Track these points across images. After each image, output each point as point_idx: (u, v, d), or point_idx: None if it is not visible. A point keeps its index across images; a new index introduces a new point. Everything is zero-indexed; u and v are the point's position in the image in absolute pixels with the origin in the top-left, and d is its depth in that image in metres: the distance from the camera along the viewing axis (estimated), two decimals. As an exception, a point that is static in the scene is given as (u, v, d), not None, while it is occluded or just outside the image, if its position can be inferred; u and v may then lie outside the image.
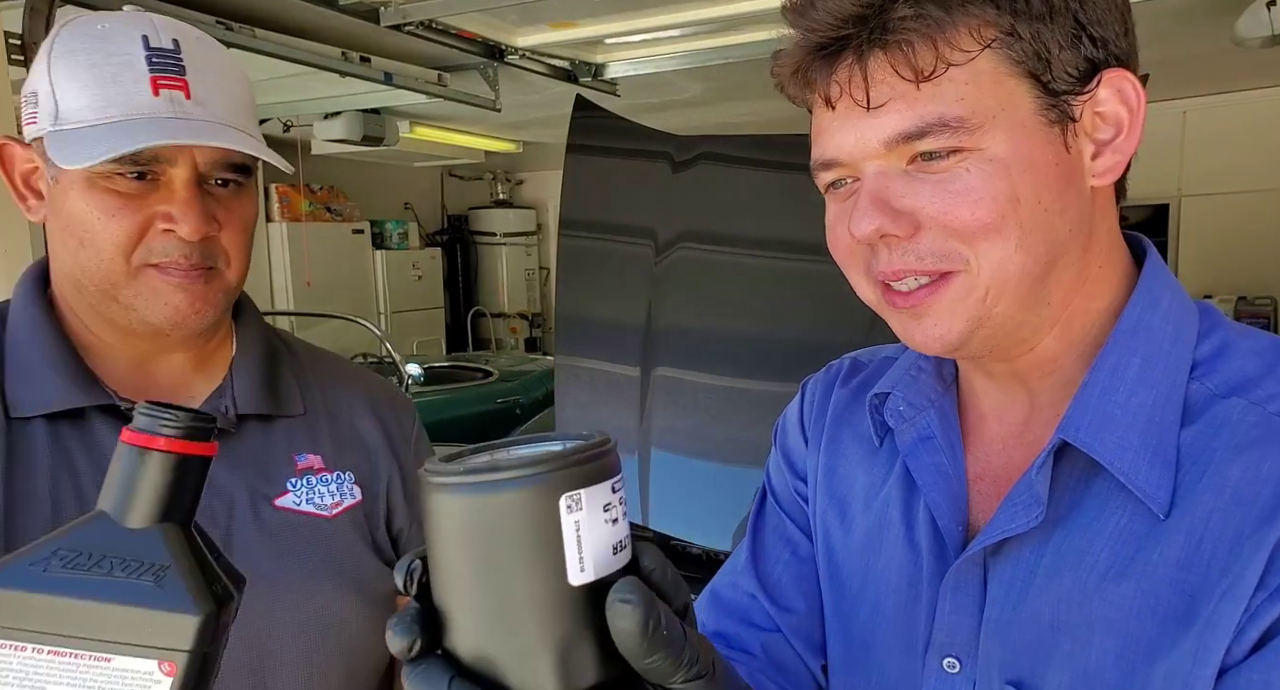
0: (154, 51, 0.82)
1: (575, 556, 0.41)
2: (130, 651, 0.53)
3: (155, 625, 0.53)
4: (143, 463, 0.55)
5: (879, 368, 0.83)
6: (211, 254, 0.86)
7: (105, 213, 0.81)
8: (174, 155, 0.82)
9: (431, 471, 0.43)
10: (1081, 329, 0.67)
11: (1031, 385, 0.70)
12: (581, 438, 0.45)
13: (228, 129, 0.84)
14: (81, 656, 0.53)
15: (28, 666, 0.53)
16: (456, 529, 0.42)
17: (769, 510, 0.88)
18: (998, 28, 0.60)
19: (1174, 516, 0.60)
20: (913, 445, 0.74)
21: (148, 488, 0.55)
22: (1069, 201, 0.63)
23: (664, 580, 0.44)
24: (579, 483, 0.41)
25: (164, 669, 0.52)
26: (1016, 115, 0.61)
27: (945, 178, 0.61)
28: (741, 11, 3.18)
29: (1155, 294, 0.67)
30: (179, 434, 0.55)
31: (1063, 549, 0.63)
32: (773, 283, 2.64)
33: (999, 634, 0.65)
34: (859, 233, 0.63)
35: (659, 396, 2.66)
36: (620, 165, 2.96)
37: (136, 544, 0.55)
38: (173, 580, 0.54)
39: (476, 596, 0.42)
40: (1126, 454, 0.61)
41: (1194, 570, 0.58)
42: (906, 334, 0.67)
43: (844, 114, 0.63)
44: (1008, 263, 0.62)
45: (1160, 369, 0.64)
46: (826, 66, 0.63)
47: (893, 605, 0.73)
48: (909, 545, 0.73)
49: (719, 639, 0.83)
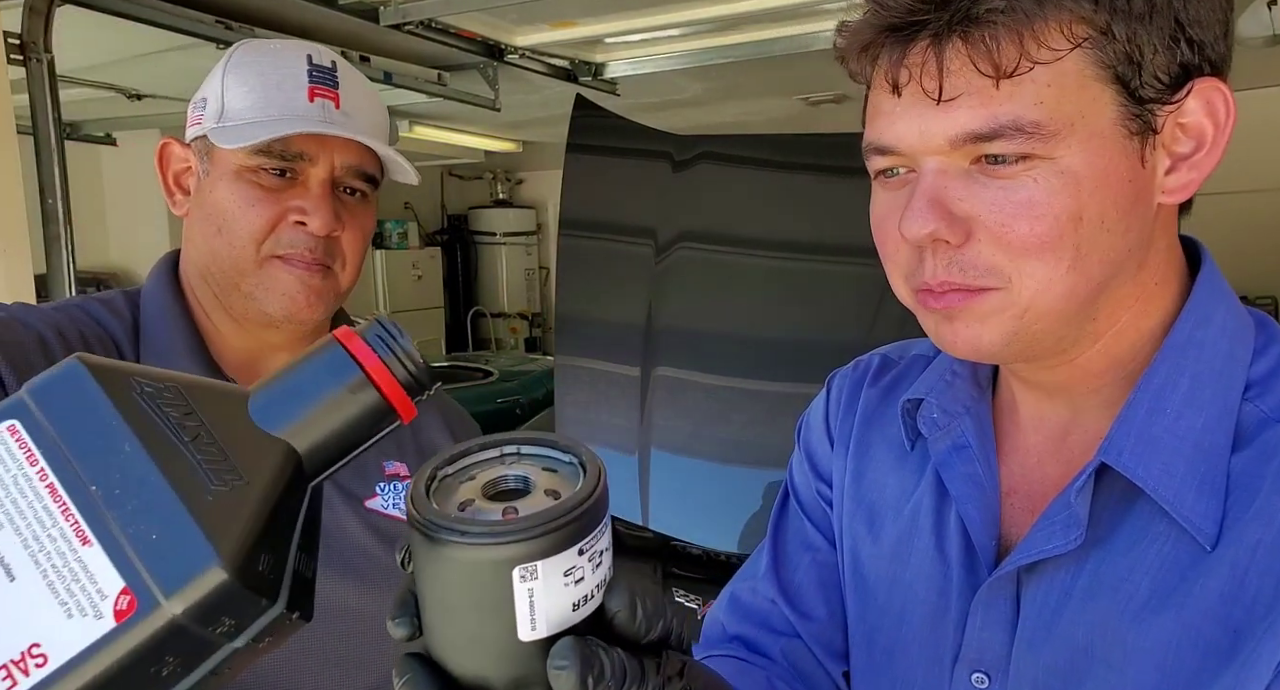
0: (315, 67, 0.94)
1: (527, 618, 0.40)
2: (114, 552, 0.36)
3: (166, 540, 0.36)
4: (339, 374, 0.42)
5: (910, 366, 0.80)
6: (332, 253, 0.94)
7: (246, 202, 0.91)
8: (316, 154, 0.92)
9: (408, 498, 0.42)
10: (1131, 346, 0.63)
11: (1074, 399, 0.66)
12: (580, 462, 0.43)
13: (366, 137, 0.93)
14: (68, 514, 0.36)
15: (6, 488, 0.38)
16: (421, 563, 0.42)
17: (791, 513, 0.86)
18: (1092, 25, 0.55)
19: (1220, 547, 0.57)
20: (946, 454, 0.70)
21: (320, 403, 0.42)
22: (1133, 220, 0.58)
23: (630, 622, 0.43)
24: (537, 554, 0.39)
25: (120, 603, 0.35)
26: (1096, 124, 0.56)
27: (1009, 185, 0.57)
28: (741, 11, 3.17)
29: (1209, 308, 0.62)
30: (405, 378, 0.43)
31: (1101, 573, 0.61)
32: (773, 283, 2.64)
33: (1032, 654, 0.63)
34: (910, 234, 0.59)
35: (659, 396, 2.66)
36: (620, 165, 2.96)
37: (249, 443, 0.40)
38: (235, 507, 0.38)
39: (439, 622, 0.42)
40: (1172, 481, 0.58)
41: (1238, 605, 0.55)
42: (938, 336, 0.63)
43: (910, 102, 0.58)
44: (1055, 284, 0.58)
45: (1211, 390, 0.60)
46: (898, 48, 0.58)
47: (920, 616, 0.71)
48: (939, 556, 0.70)
49: (739, 643, 0.82)
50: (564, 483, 0.43)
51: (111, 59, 3.41)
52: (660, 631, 0.44)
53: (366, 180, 0.96)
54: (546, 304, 8.44)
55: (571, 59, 3.86)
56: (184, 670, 0.36)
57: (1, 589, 0.35)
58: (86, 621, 0.34)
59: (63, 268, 2.34)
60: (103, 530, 0.36)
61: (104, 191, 5.73)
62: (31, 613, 0.35)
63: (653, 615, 0.44)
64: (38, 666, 0.34)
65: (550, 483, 0.44)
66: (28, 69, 2.30)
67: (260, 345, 0.98)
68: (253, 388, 0.43)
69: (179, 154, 0.99)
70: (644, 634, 0.43)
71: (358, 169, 0.95)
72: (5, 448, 0.37)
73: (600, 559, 0.42)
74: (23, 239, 2.14)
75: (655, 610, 0.44)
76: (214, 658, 0.37)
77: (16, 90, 2.22)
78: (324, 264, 0.93)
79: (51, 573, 0.35)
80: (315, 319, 0.95)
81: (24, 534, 0.36)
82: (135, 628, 0.34)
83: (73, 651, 0.34)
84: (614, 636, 0.43)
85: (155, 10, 2.68)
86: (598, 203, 2.92)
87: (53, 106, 2.33)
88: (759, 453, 2.52)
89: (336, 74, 0.95)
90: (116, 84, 3.97)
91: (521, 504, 0.42)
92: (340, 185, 0.95)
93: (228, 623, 0.36)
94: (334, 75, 0.95)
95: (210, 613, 0.35)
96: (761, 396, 2.52)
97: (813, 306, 2.55)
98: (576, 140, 2.92)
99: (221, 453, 0.39)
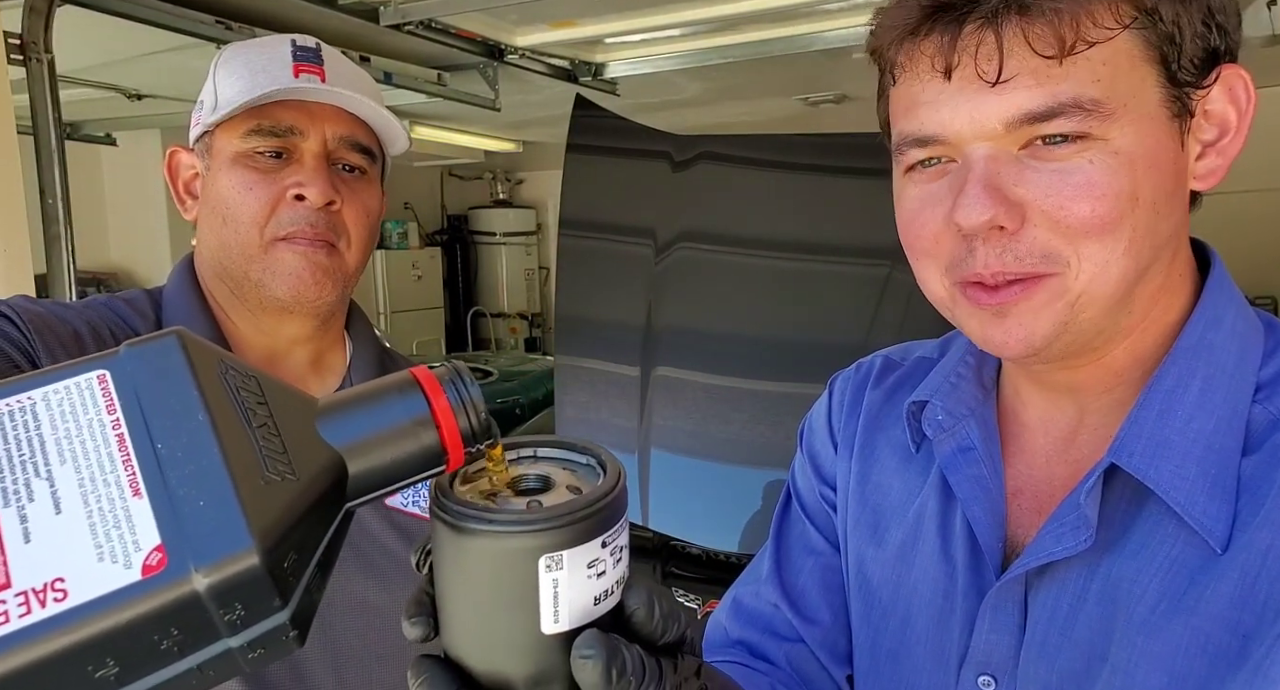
0: (299, 48, 0.95)
1: (550, 609, 0.41)
2: (160, 509, 0.36)
3: (210, 511, 0.36)
4: (407, 406, 0.43)
5: (914, 368, 0.79)
6: (335, 229, 0.94)
7: (245, 186, 0.92)
8: (306, 127, 0.93)
9: (434, 490, 0.43)
10: (1152, 342, 0.63)
11: (1083, 400, 0.66)
12: (600, 464, 0.45)
13: (353, 96, 0.94)
14: (128, 464, 0.37)
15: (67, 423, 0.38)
16: (445, 555, 0.42)
17: (793, 516, 0.85)
18: (1138, 6, 0.55)
19: (1230, 550, 0.56)
20: (952, 456, 0.70)
21: (381, 429, 0.42)
22: (1176, 204, 0.59)
23: (648, 621, 0.43)
24: (563, 544, 0.40)
25: (150, 558, 0.35)
26: (1145, 105, 0.56)
27: (1065, 168, 0.56)
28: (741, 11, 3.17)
29: (1219, 309, 0.62)
30: (466, 427, 0.43)
31: (1110, 576, 0.60)
32: (773, 283, 2.64)
33: (1041, 658, 0.62)
34: (968, 222, 0.57)
35: (659, 396, 2.66)
36: (620, 165, 2.96)
37: (307, 446, 0.41)
38: (280, 498, 0.38)
39: (459, 618, 0.43)
40: (1183, 484, 0.58)
41: (1248, 610, 0.55)
42: (984, 335, 0.61)
43: (960, 86, 0.57)
44: (1111, 266, 0.57)
45: (1222, 393, 0.60)
46: (951, 30, 0.56)
47: (925, 619, 0.70)
48: (944, 558, 0.70)
49: (742, 648, 0.82)
50: (583, 481, 0.45)
51: (111, 59, 3.41)
52: (675, 634, 0.45)
53: (362, 152, 0.97)
54: (546, 304, 8.44)
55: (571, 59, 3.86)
56: (179, 651, 0.36)
57: (46, 519, 0.36)
58: (115, 569, 0.35)
59: (63, 268, 2.34)
60: (156, 486, 0.36)
61: (104, 191, 5.73)
62: (67, 548, 0.35)
63: (669, 616, 0.44)
64: (55, 601, 0.34)
65: (570, 480, 0.45)
66: (28, 69, 2.30)
67: (277, 341, 0.99)
68: (323, 399, 0.44)
69: (186, 162, 1.00)
70: (660, 634, 0.44)
71: (350, 139, 0.95)
72: (90, 393, 0.39)
73: (620, 554, 0.43)
74: (23, 239, 2.14)
75: (671, 612, 0.44)
76: (208, 650, 0.37)
77: (16, 90, 2.21)
78: (327, 241, 0.93)
79: (96, 514, 0.36)
80: (324, 300, 0.95)
81: (83, 473, 0.37)
82: (157, 587, 0.35)
83: (93, 594, 0.34)
84: (631, 635, 0.43)
85: (155, 10, 2.68)
86: (598, 203, 2.92)
87: (53, 106, 2.33)
88: (759, 453, 2.52)
89: (321, 53, 0.96)
90: (116, 84, 3.97)
91: (545, 498, 0.43)
92: (336, 161, 0.95)
93: (238, 611, 0.36)
94: (318, 53, 0.96)
95: (229, 594, 0.35)
96: (761, 396, 2.52)
97: (812, 306, 2.55)
98: (576, 140, 2.91)
99: (281, 446, 0.40)
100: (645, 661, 0.42)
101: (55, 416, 0.38)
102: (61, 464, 0.37)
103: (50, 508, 0.36)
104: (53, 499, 0.36)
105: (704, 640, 0.87)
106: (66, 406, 0.38)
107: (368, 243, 0.99)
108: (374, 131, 0.99)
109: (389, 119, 0.97)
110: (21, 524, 0.35)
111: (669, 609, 0.44)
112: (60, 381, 0.39)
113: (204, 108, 0.96)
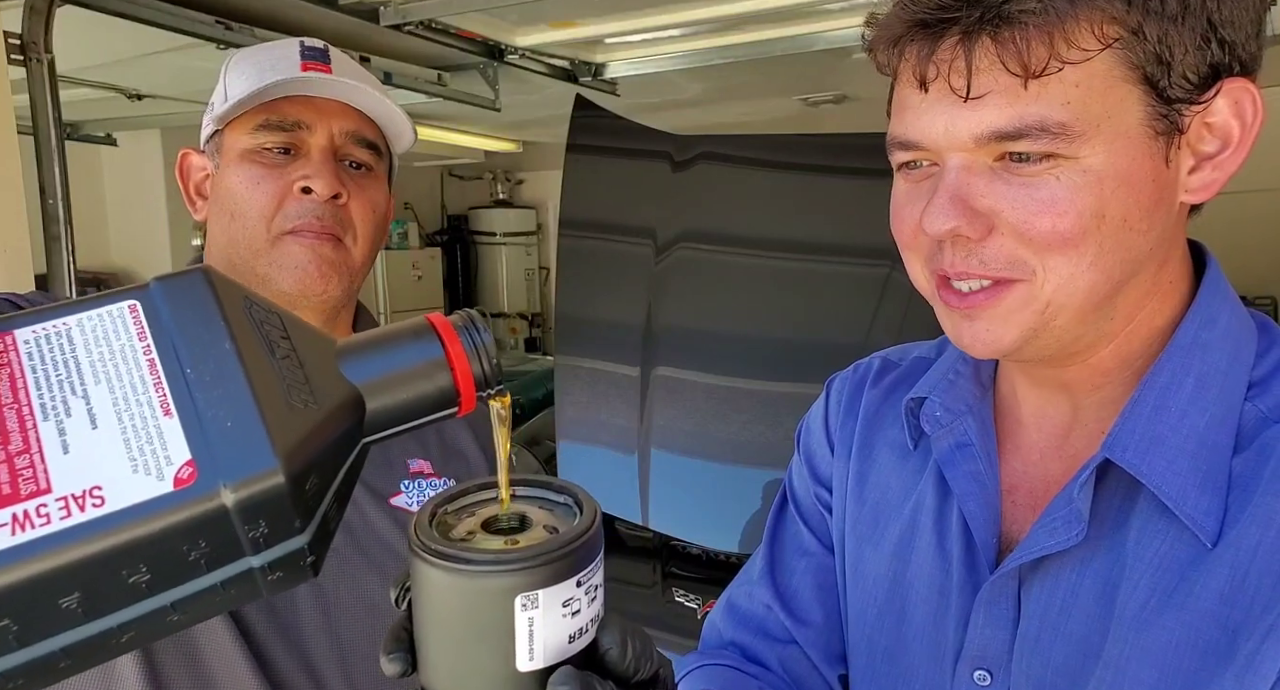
0: (307, 48, 0.97)
1: (526, 647, 0.42)
2: (190, 427, 0.38)
3: (237, 431, 0.38)
4: (424, 349, 0.45)
5: (911, 368, 0.80)
6: (341, 223, 0.95)
7: (252, 181, 0.93)
8: (313, 122, 0.94)
9: (413, 529, 0.44)
10: (1141, 344, 0.63)
11: (1076, 397, 0.67)
12: (577, 503, 0.45)
13: (358, 87, 0.95)
14: (159, 387, 0.39)
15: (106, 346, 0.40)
16: (423, 592, 0.43)
17: (788, 517, 0.86)
18: (1123, 26, 0.55)
19: (1219, 546, 0.57)
20: (949, 452, 0.71)
21: (398, 369, 0.44)
22: (1156, 219, 0.59)
23: (620, 660, 0.44)
24: (539, 583, 0.41)
25: (182, 472, 0.37)
26: (1121, 125, 0.56)
27: (1032, 183, 0.57)
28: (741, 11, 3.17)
29: (1214, 309, 0.63)
30: (479, 371, 0.45)
31: (1103, 572, 0.61)
32: (773, 283, 2.64)
33: (1034, 652, 0.63)
34: (932, 230, 0.59)
35: (659, 396, 2.66)
36: (620, 165, 2.96)
37: (328, 379, 0.42)
38: (304, 424, 0.39)
39: (437, 654, 0.43)
40: (1175, 478, 0.58)
41: (1237, 605, 0.55)
42: (956, 334, 0.64)
43: (936, 98, 0.58)
44: (1077, 279, 0.58)
45: (1215, 391, 0.60)
46: (927, 44, 0.58)
47: (921, 615, 0.71)
48: (940, 554, 0.70)
49: (735, 649, 0.82)
50: (560, 520, 0.46)
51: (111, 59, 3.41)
52: (648, 672, 0.46)
53: (369, 148, 0.98)
54: (546, 304, 8.44)
55: (571, 59, 3.86)
56: (205, 565, 0.38)
57: (83, 433, 0.37)
58: (149, 480, 0.37)
59: (63, 268, 2.34)
60: (186, 407, 0.38)
61: (104, 191, 5.72)
62: (103, 459, 0.37)
63: (641, 655, 0.45)
64: (95, 506, 0.36)
65: (547, 520, 0.46)
66: (28, 69, 2.30)
67: None
68: (342, 341, 0.46)
69: (197, 163, 1.01)
70: (633, 673, 0.45)
71: (357, 134, 0.96)
72: (122, 321, 0.41)
73: (595, 593, 0.44)
74: (23, 239, 2.14)
75: (644, 651, 0.45)
76: (232, 567, 0.39)
77: (16, 90, 2.21)
78: (333, 234, 0.94)
79: (130, 431, 0.38)
80: (330, 293, 0.95)
81: (116, 393, 0.39)
82: (188, 499, 0.36)
83: (128, 502, 0.36)
84: (605, 673, 0.44)
85: (155, 10, 2.67)
86: (598, 203, 2.92)
87: (53, 106, 2.32)
88: (759, 453, 2.52)
89: (329, 53, 0.98)
90: (116, 84, 3.97)
91: (522, 537, 0.44)
92: (343, 157, 0.96)
93: (262, 528, 0.38)
94: (325, 53, 0.97)
95: (254, 510, 0.37)
96: (761, 396, 2.52)
97: (812, 306, 2.55)
98: (576, 140, 2.92)
99: (304, 377, 0.41)
100: None
101: (89, 341, 0.40)
102: (96, 384, 0.39)
103: (86, 423, 0.38)
104: (89, 415, 0.38)
105: (700, 641, 0.88)
106: (100, 332, 0.40)
107: (374, 239, 0.99)
108: (380, 130, 1.00)
109: (395, 111, 0.98)
110: (60, 437, 0.37)
111: (641, 649, 0.45)
112: (93, 309, 0.41)
113: (214, 109, 0.97)
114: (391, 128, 1.01)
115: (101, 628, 0.37)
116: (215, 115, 0.95)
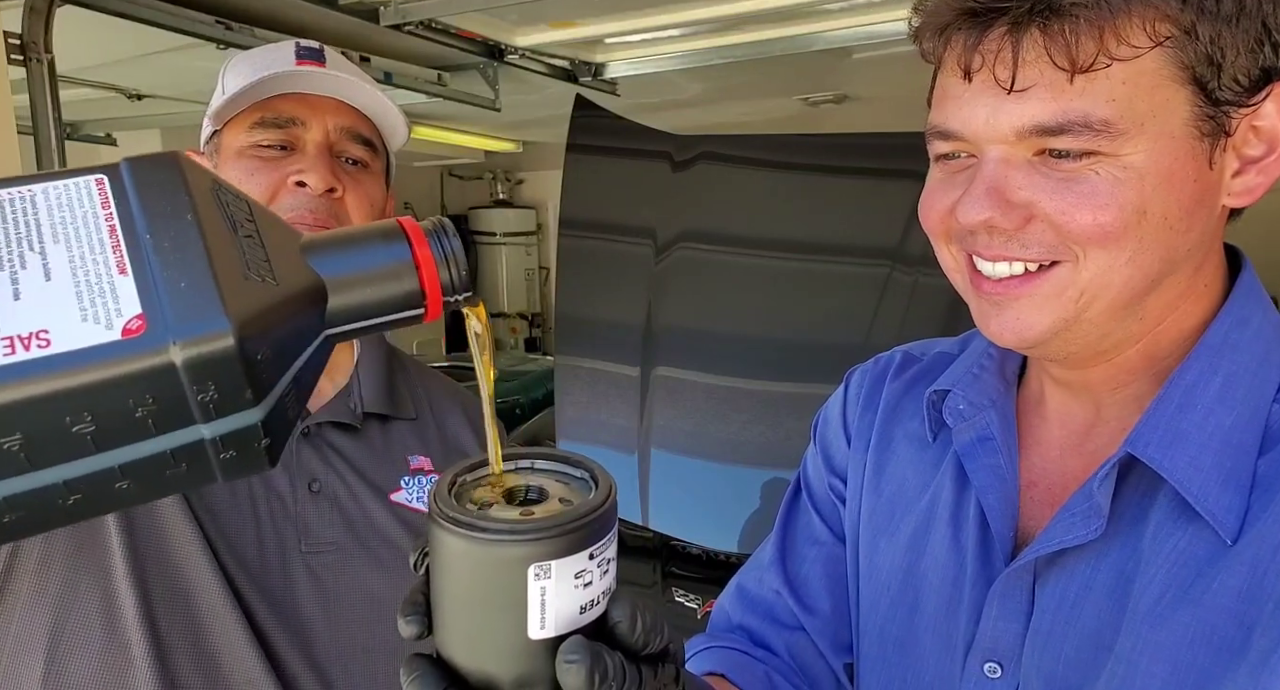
0: (303, 47, 0.98)
1: (538, 616, 0.43)
2: (143, 286, 0.38)
3: (191, 293, 0.38)
4: (392, 250, 0.44)
5: (933, 363, 0.80)
6: (336, 216, 0.95)
7: (247, 174, 0.94)
8: (308, 118, 0.95)
9: (432, 497, 0.45)
10: (1169, 344, 0.63)
11: (1099, 395, 0.66)
12: (593, 478, 0.46)
13: (352, 81, 0.96)
14: (117, 249, 0.39)
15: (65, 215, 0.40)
16: (440, 559, 0.44)
17: (801, 506, 0.86)
18: (1176, 24, 0.54)
19: (1239, 544, 0.57)
20: (970, 445, 0.71)
21: (364, 267, 0.44)
22: (1196, 220, 0.58)
23: (632, 633, 0.45)
24: (552, 554, 0.42)
25: (131, 323, 0.37)
26: (1166, 125, 0.55)
27: (1072, 177, 0.56)
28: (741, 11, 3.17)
29: (1247, 311, 0.63)
30: (446, 277, 0.45)
31: (1118, 567, 0.61)
32: (773, 283, 2.64)
33: (1046, 646, 0.63)
34: (965, 220, 0.59)
35: (659, 396, 2.66)
36: (620, 165, 2.96)
37: (291, 264, 0.42)
38: (260, 296, 0.39)
39: (451, 619, 0.45)
40: (1198, 474, 0.58)
41: (1255, 603, 0.55)
42: (983, 322, 0.63)
43: (980, 89, 0.57)
44: (1114, 273, 0.57)
45: (1244, 390, 0.60)
46: (974, 33, 0.57)
47: (934, 606, 0.71)
48: (955, 546, 0.70)
49: (743, 633, 0.83)
50: (576, 494, 0.46)
51: (111, 59, 3.41)
52: (657, 646, 0.46)
53: (364, 144, 0.98)
54: (546, 304, 8.45)
55: (571, 59, 3.86)
56: (154, 426, 0.37)
57: (36, 285, 0.38)
58: (97, 329, 0.37)
59: (63, 268, 2.34)
60: (140, 268, 0.39)
61: (104, 191, 5.72)
62: (53, 308, 0.37)
63: (651, 629, 0.46)
64: (40, 347, 0.36)
65: (563, 493, 0.47)
66: (28, 69, 2.30)
67: None
68: (309, 235, 0.46)
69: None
70: (643, 646, 0.45)
71: (352, 130, 0.97)
72: (88, 191, 0.41)
73: (608, 567, 0.44)
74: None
75: (654, 626, 0.46)
76: (181, 434, 0.38)
77: (16, 90, 2.21)
78: (327, 227, 0.94)
79: (83, 285, 0.38)
80: None
81: (73, 252, 0.39)
82: (135, 350, 0.36)
83: (74, 346, 0.36)
84: (614, 644, 0.45)
85: (155, 10, 2.67)
86: (598, 203, 2.93)
87: (53, 106, 2.33)
88: (759, 453, 2.52)
89: (324, 52, 0.99)
90: (116, 84, 3.97)
91: (538, 508, 0.45)
92: (339, 153, 0.97)
93: (212, 393, 0.38)
94: (320, 52, 0.98)
95: (202, 370, 0.37)
96: (761, 396, 2.52)
97: (812, 306, 2.55)
98: (576, 140, 2.92)
99: (265, 256, 0.41)
100: (626, 668, 0.44)
101: (53, 206, 0.41)
102: (55, 243, 0.39)
103: (40, 275, 0.38)
104: (44, 268, 0.38)
105: (709, 625, 0.89)
106: (64, 199, 0.41)
107: None
108: (376, 127, 1.00)
109: (388, 106, 0.99)
110: (12, 285, 0.38)
111: (652, 623, 0.46)
112: (61, 181, 0.42)
113: (212, 108, 0.98)
114: (386, 123, 1.01)
115: (46, 480, 0.37)
116: (212, 112, 0.96)
